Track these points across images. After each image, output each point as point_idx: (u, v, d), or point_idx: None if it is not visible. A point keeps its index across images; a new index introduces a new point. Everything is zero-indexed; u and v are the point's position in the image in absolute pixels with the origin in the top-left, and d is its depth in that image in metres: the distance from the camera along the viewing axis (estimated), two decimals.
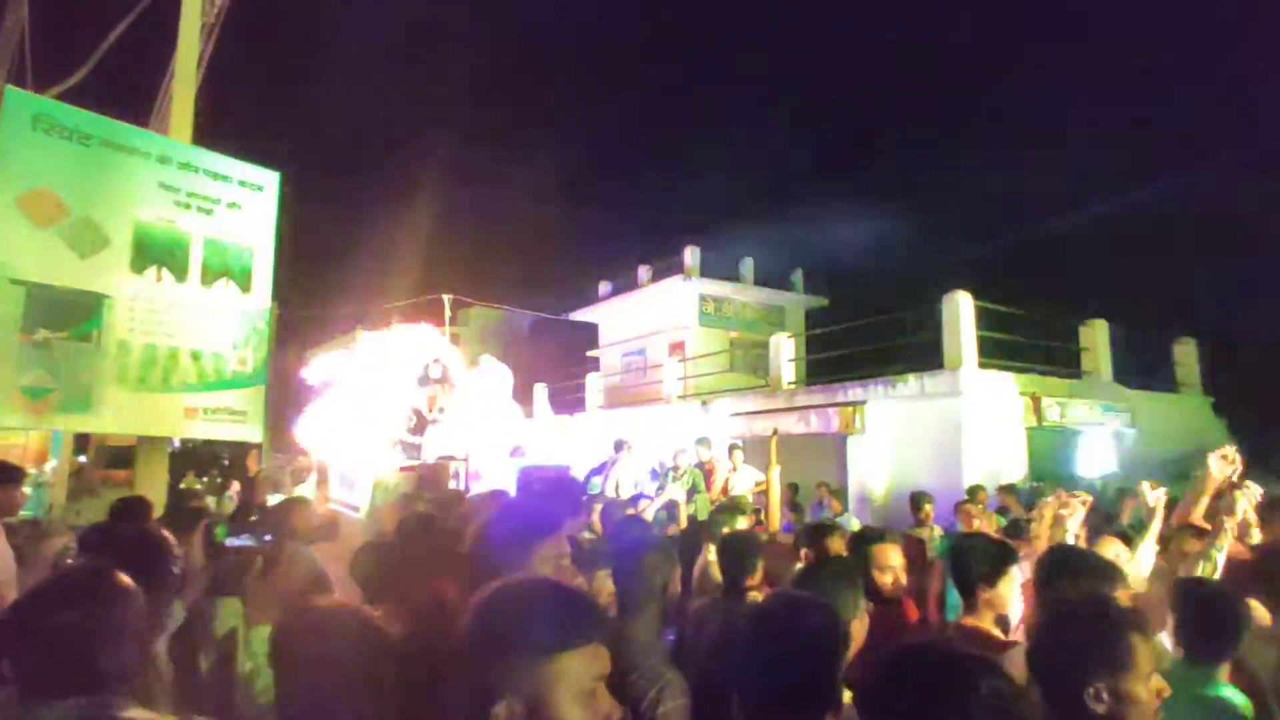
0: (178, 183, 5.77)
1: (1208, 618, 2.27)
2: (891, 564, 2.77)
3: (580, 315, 22.85)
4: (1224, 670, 2.23)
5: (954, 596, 5.20)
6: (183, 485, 13.66)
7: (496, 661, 1.17)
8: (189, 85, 7.00)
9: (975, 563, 2.56)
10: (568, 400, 17.96)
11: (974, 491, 7.33)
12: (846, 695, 1.90)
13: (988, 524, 5.82)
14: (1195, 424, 11.83)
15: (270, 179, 6.32)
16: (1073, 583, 2.28)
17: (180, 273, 5.74)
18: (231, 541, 2.33)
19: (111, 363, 5.33)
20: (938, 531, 6.75)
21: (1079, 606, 1.69)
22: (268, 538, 2.29)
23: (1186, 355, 12.68)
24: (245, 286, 6.07)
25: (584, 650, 1.20)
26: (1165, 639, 2.40)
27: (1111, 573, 2.46)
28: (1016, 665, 1.69)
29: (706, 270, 19.78)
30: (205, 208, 5.93)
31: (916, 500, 7.13)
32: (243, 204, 6.14)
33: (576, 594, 1.30)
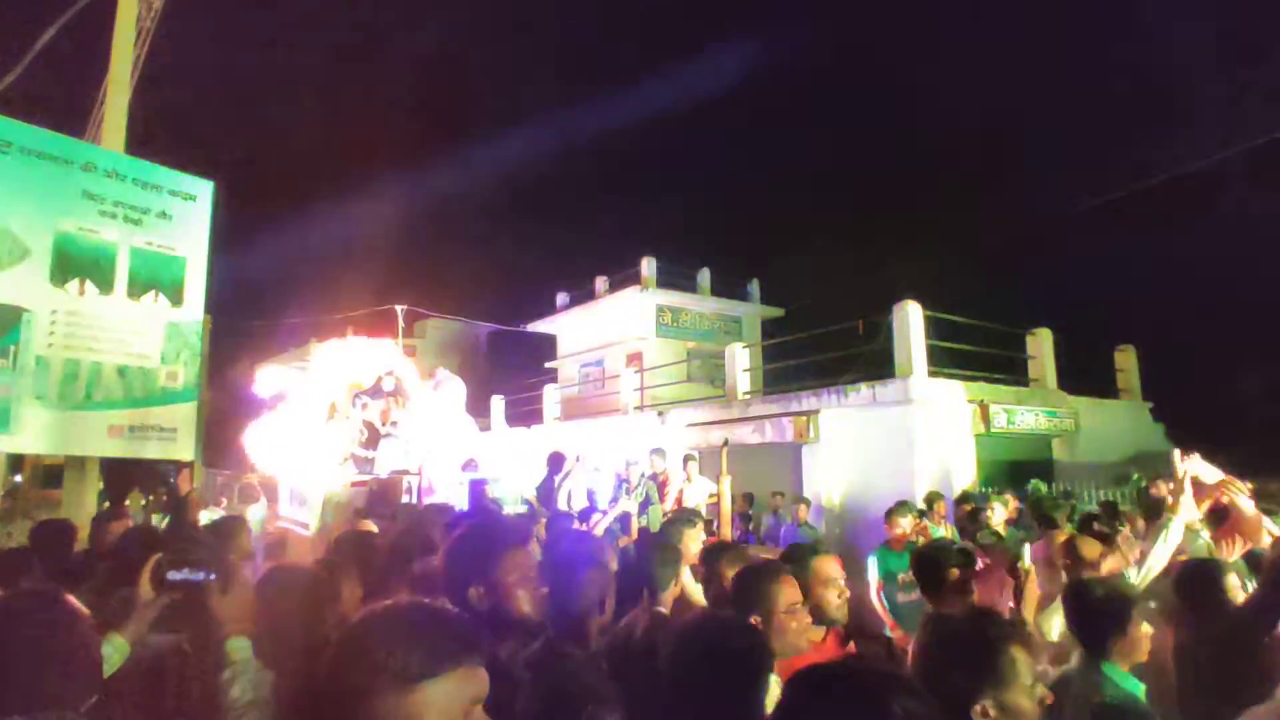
0: (103, 191, 5.47)
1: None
2: (834, 577, 2.66)
3: (538, 326, 22.67)
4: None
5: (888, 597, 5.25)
6: (128, 503, 13.13)
7: (361, 692, 1.10)
8: (123, 91, 6.70)
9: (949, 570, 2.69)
10: (525, 412, 17.76)
11: (932, 500, 7.21)
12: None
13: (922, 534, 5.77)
14: (1135, 429, 12.10)
15: (204, 188, 6.06)
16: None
17: (105, 284, 5.44)
18: (173, 575, 2.22)
19: (30, 379, 5.01)
20: (951, 531, 6.58)
21: (958, 625, 1.69)
22: (212, 576, 2.19)
23: (1127, 362, 12.98)
24: (176, 299, 5.80)
25: (454, 675, 1.12)
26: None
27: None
28: None
29: (663, 281, 19.77)
30: (133, 217, 5.64)
31: (928, 501, 7.08)
32: (174, 214, 5.86)
33: (446, 615, 1.21)
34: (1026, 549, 3.42)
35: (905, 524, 5.58)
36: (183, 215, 5.90)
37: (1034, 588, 3.15)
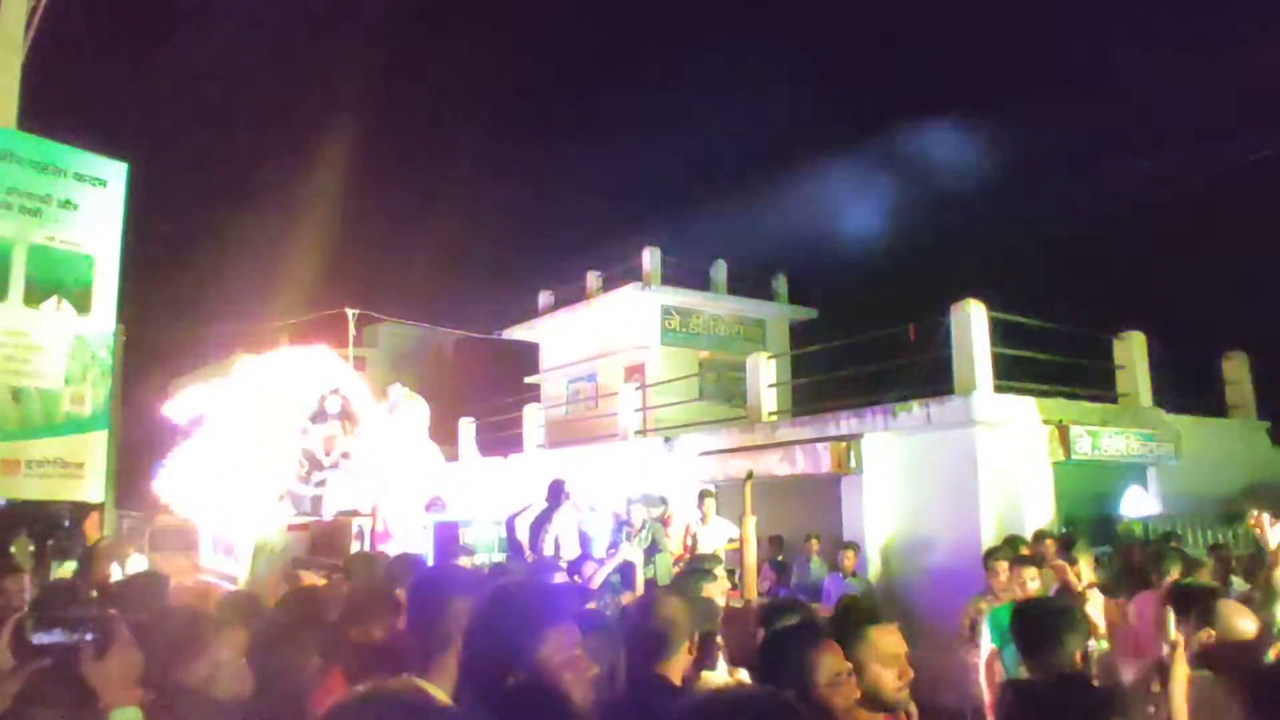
0: None
1: None
2: (895, 653, 2.55)
3: (516, 333, 22.75)
4: None
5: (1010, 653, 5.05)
6: (13, 549, 13.18)
7: None
8: (13, 52, 6.80)
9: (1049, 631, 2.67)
10: (501, 438, 17.83)
11: (1015, 543, 7.17)
12: None
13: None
14: (1249, 453, 12.15)
15: (116, 171, 6.14)
16: None
17: None
18: (39, 638, 2.24)
19: None
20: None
21: (1045, 693, 1.72)
22: (89, 636, 2.21)
23: (1238, 373, 13.05)
24: (83, 306, 5.87)
25: None
26: None
27: None
28: None
29: (670, 277, 19.87)
30: (30, 207, 5.71)
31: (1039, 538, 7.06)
32: (80, 202, 5.94)
33: (434, 709, 1.25)
34: (1171, 617, 3.17)
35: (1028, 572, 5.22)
36: (91, 204, 5.97)
37: (1183, 668, 2.81)
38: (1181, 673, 2.77)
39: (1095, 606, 4.87)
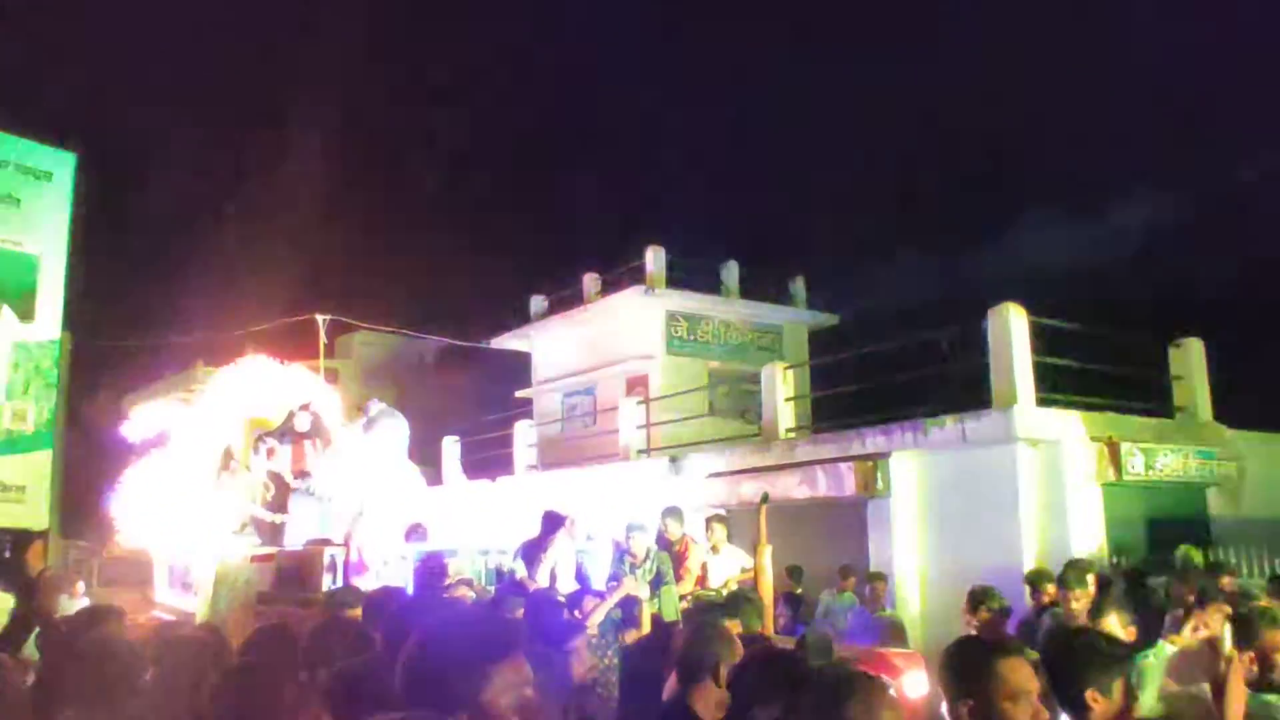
0: None
1: None
2: (1027, 689, 2.45)
3: (505, 342, 22.78)
4: None
5: None
6: None
7: None
8: None
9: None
10: (489, 458, 17.86)
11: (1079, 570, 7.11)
12: None
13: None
14: None
15: (63, 163, 6.12)
16: None
17: None
18: None
19: None
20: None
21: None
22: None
23: None
24: (26, 312, 5.85)
25: None
26: None
27: None
28: None
29: (676, 279, 19.88)
30: None
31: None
32: (23, 197, 5.92)
33: None
34: (1227, 629, 3.39)
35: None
36: (35, 200, 5.94)
37: (1239, 685, 3.04)
38: (1236, 688, 3.03)
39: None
